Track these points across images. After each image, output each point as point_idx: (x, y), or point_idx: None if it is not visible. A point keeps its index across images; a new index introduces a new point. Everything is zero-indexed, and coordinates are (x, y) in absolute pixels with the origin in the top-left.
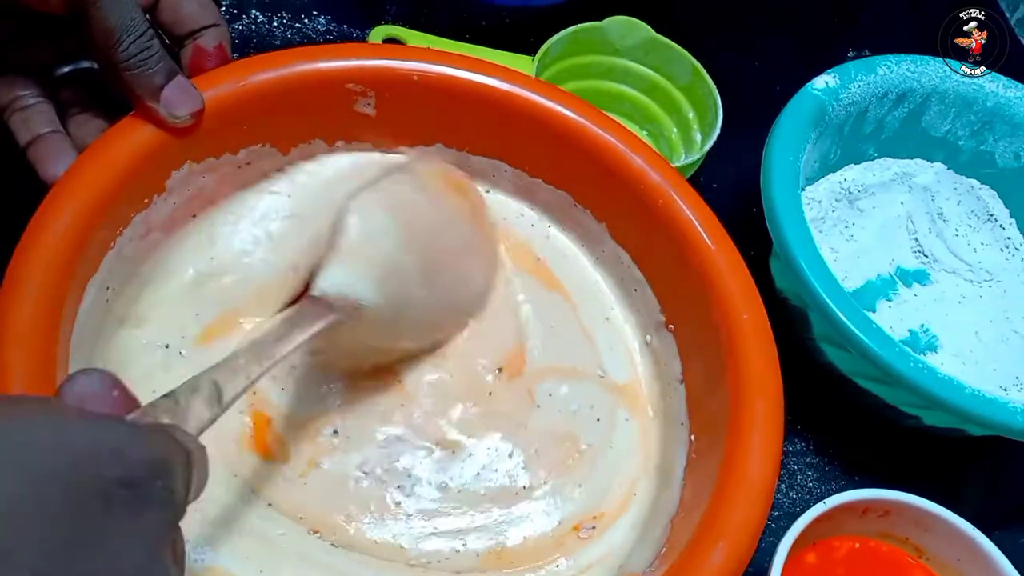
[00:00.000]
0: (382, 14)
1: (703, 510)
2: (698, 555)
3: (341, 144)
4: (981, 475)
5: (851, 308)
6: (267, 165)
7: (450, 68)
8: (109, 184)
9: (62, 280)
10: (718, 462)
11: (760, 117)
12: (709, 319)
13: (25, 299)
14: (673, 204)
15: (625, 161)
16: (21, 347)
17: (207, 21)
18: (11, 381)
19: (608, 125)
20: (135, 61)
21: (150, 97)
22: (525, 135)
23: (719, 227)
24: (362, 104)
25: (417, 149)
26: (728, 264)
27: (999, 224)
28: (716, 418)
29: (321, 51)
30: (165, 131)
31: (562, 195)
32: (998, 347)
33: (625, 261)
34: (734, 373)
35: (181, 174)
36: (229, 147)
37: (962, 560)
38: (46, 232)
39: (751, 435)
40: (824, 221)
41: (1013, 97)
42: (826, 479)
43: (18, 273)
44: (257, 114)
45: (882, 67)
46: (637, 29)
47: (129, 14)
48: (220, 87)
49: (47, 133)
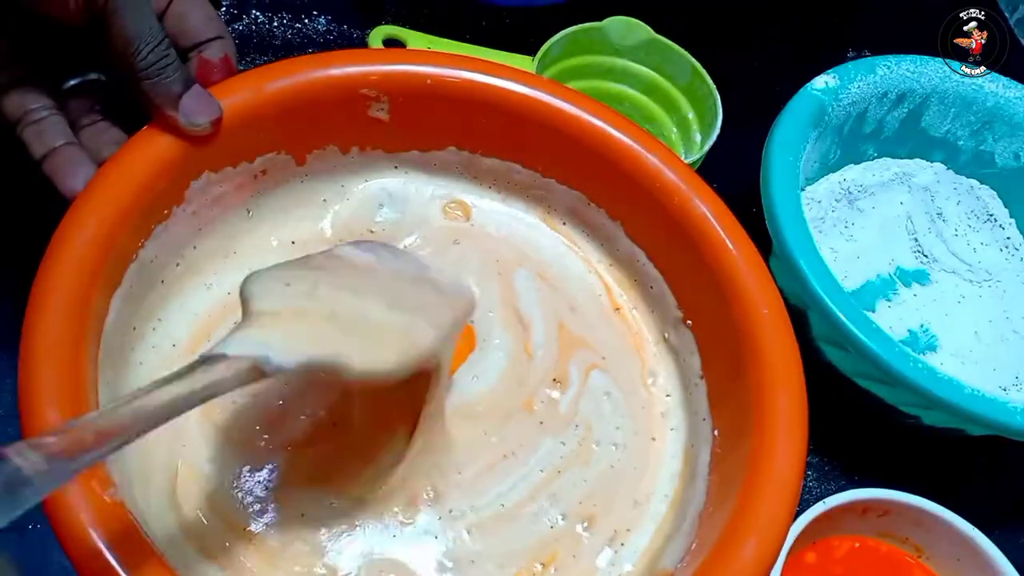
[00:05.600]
0: (382, 14)
1: (732, 506)
2: (729, 551)
3: (355, 151)
4: (981, 475)
5: (851, 308)
6: (282, 174)
7: (463, 71)
8: (131, 196)
9: (88, 293)
10: (744, 457)
11: (760, 117)
12: (728, 314)
13: (53, 314)
14: (689, 201)
15: (640, 159)
16: (51, 363)
17: (212, 33)
18: (43, 397)
19: (622, 124)
20: (154, 69)
21: (169, 106)
22: (538, 136)
23: (735, 223)
24: (376, 109)
25: (428, 155)
26: (746, 260)
27: (999, 224)
28: (739, 413)
29: (335, 57)
30: (184, 141)
31: (576, 194)
32: (997, 347)
33: (640, 259)
34: (755, 367)
35: (199, 184)
36: (246, 156)
37: (962, 560)
38: (71, 246)
39: (776, 429)
40: (824, 221)
41: (1013, 97)
42: (826, 479)
43: (45, 287)
44: (273, 122)
45: (882, 67)
46: (637, 29)
47: (147, 23)
48: (236, 95)
49: (62, 145)
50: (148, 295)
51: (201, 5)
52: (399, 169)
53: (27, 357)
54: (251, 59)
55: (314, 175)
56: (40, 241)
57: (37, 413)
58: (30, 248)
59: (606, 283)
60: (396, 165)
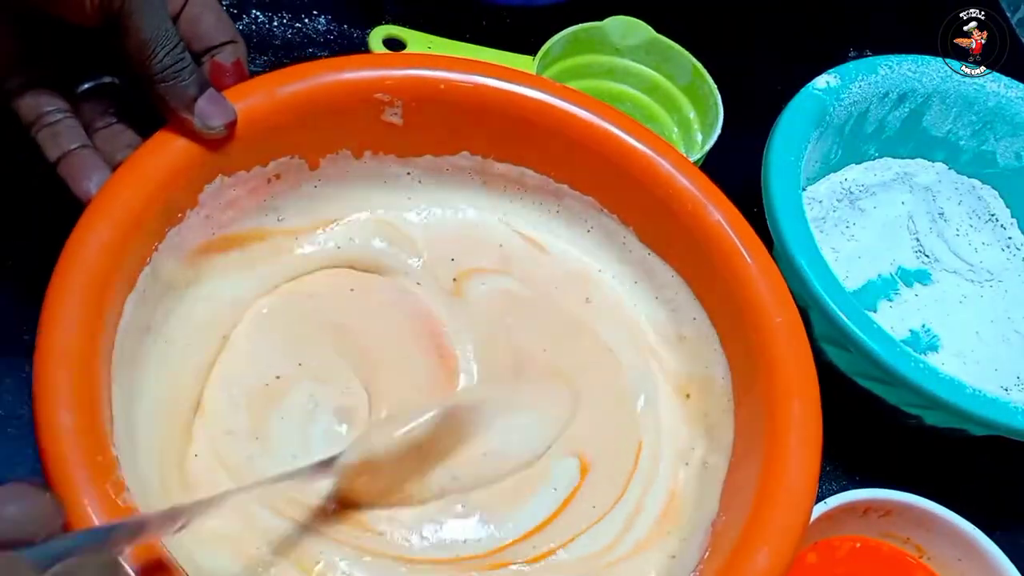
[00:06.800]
0: (382, 14)
1: (745, 515)
2: (743, 560)
3: (368, 155)
4: (982, 475)
5: (852, 308)
6: (295, 178)
7: (476, 76)
8: (145, 199)
9: (103, 297)
10: (758, 466)
11: (761, 117)
12: (741, 322)
13: (68, 317)
14: (702, 208)
15: (652, 165)
16: (67, 367)
17: (224, 37)
18: (60, 401)
19: (633, 129)
20: (169, 72)
21: (184, 108)
22: (551, 141)
23: (749, 230)
24: (389, 114)
25: (441, 159)
26: (759, 267)
27: (1000, 224)
28: (752, 421)
29: (349, 61)
30: (198, 145)
31: (588, 200)
32: (999, 347)
33: (652, 265)
34: (768, 376)
35: (213, 187)
36: (260, 160)
37: (963, 560)
38: (85, 249)
39: (789, 438)
40: (825, 221)
41: (1014, 97)
42: (827, 479)
43: (60, 290)
44: (287, 126)
45: (883, 67)
46: (638, 29)
47: (163, 25)
48: (250, 99)
49: (77, 148)
50: (162, 298)
51: (214, 9)
52: (411, 175)
53: (42, 360)
54: (251, 59)
55: (327, 179)
56: (40, 241)
57: (51, 416)
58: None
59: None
60: (409, 171)
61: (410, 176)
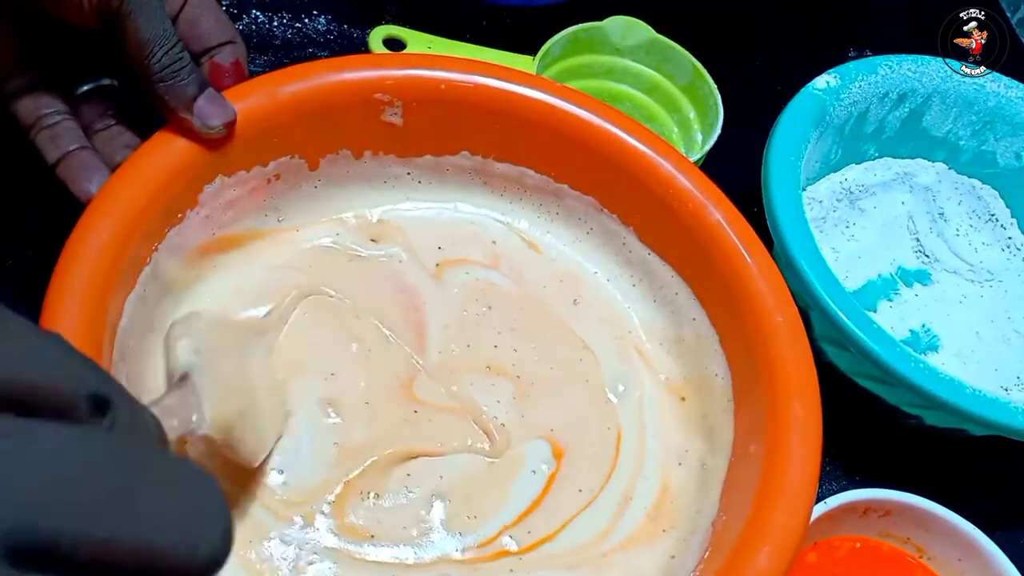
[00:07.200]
0: (382, 14)
1: (746, 515)
2: (743, 560)
3: (368, 155)
4: (982, 475)
5: (852, 308)
6: (295, 178)
7: (477, 76)
8: (145, 200)
9: (103, 297)
10: (758, 466)
11: (761, 117)
12: (741, 322)
13: (68, 318)
14: (702, 208)
15: (652, 165)
16: None
17: (224, 37)
18: None
19: (634, 129)
20: (168, 72)
21: (184, 108)
22: (551, 141)
23: (749, 230)
24: (389, 114)
25: (441, 159)
26: (759, 267)
27: (1000, 224)
28: (752, 421)
29: (349, 61)
30: (198, 145)
31: (588, 200)
32: (999, 347)
33: (652, 264)
34: (768, 376)
35: (213, 188)
36: (260, 160)
37: (963, 560)
38: (85, 250)
39: (790, 438)
40: (825, 221)
41: (1014, 97)
42: (827, 479)
43: (60, 291)
44: (287, 126)
45: (883, 67)
46: (637, 29)
47: (162, 25)
48: (250, 99)
49: (76, 150)
50: (162, 299)
51: (213, 9)
52: (411, 175)
53: None
54: (251, 59)
55: (327, 179)
56: (40, 241)
57: None
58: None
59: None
60: (409, 171)
61: (410, 176)
